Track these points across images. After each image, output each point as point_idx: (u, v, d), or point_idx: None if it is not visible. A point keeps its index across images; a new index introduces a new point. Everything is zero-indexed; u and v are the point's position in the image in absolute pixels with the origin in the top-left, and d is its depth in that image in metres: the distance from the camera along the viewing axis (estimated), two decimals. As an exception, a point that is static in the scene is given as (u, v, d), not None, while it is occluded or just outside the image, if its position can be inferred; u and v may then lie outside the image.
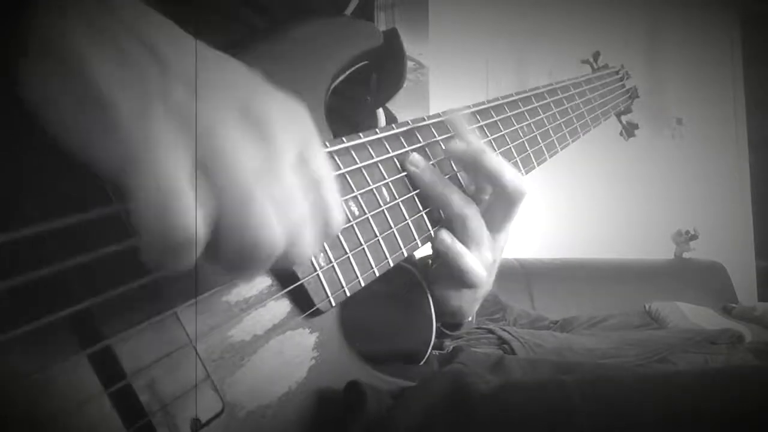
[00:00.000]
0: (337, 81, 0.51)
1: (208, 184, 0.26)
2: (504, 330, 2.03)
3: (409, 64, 2.67)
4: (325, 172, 0.31)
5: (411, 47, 2.71)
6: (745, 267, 3.31)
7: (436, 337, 0.62)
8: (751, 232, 3.40)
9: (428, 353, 0.64)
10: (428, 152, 0.55)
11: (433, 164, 0.54)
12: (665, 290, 2.65)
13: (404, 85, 0.58)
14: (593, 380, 0.40)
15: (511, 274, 2.53)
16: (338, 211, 0.32)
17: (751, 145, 3.44)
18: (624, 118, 1.31)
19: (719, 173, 3.34)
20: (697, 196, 3.23)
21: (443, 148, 0.56)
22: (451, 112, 0.57)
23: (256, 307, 0.37)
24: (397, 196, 0.50)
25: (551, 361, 0.64)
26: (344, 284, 0.43)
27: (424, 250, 0.56)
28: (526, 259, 2.63)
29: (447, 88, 2.70)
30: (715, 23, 3.41)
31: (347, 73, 0.53)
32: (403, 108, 0.57)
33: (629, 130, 1.33)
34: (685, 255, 3.09)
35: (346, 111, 0.57)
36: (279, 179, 0.28)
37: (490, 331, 2.06)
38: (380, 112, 0.62)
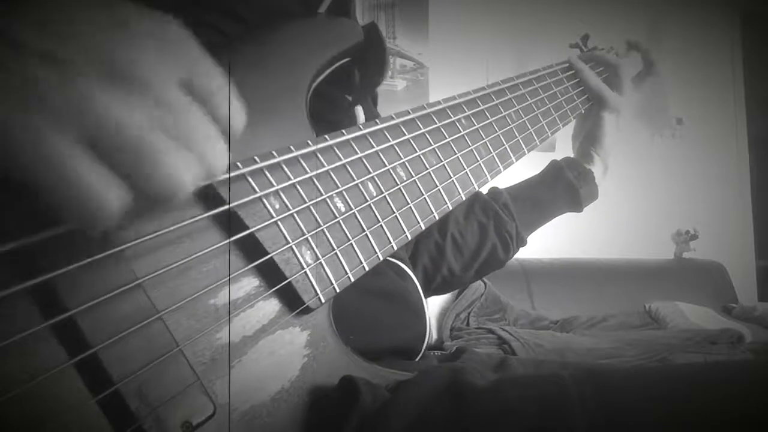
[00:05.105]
0: (318, 80, 0.50)
1: (106, 151, 0.25)
2: (504, 330, 2.03)
3: (409, 63, 2.69)
4: (214, 83, 0.30)
5: (411, 47, 2.71)
6: (745, 267, 3.31)
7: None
8: (751, 232, 3.39)
9: (423, 348, 0.63)
10: (414, 145, 0.54)
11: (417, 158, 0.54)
12: (665, 290, 2.65)
13: (403, 86, 0.58)
14: (590, 374, 0.39)
15: (511, 274, 2.53)
16: (237, 112, 0.31)
17: (751, 145, 3.44)
18: None
19: (719, 173, 3.34)
20: (697, 196, 3.22)
21: (430, 141, 0.56)
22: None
23: (245, 308, 0.37)
24: (383, 190, 0.49)
25: (556, 362, 0.63)
26: (333, 280, 0.42)
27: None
28: (526, 259, 2.63)
29: (447, 88, 2.68)
30: (715, 23, 3.41)
31: (328, 71, 0.52)
32: (403, 108, 0.57)
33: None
34: (685, 255, 3.09)
35: (327, 113, 0.56)
36: (170, 114, 0.27)
37: (490, 331, 2.06)
38: (359, 109, 0.62)
